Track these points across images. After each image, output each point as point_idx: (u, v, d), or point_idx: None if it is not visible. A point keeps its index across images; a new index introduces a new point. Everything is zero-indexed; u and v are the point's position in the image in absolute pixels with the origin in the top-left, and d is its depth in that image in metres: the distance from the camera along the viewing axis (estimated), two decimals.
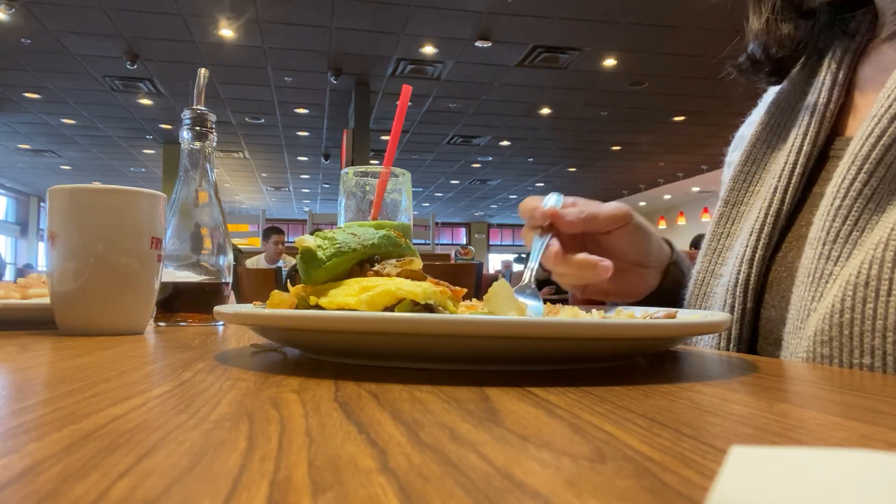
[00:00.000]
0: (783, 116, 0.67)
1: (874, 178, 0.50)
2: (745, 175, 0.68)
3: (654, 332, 0.37)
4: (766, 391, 0.34)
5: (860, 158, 0.51)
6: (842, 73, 0.64)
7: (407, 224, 0.68)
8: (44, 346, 0.53)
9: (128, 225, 0.66)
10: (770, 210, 0.62)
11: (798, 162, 0.62)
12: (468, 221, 20.91)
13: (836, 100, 0.63)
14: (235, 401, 0.27)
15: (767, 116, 0.69)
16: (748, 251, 0.62)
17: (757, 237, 0.62)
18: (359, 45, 6.71)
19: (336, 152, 11.00)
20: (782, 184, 0.62)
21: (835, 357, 0.49)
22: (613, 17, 5.97)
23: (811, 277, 0.53)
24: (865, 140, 0.52)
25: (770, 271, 0.62)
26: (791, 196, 0.61)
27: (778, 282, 0.60)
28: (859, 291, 0.48)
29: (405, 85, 0.72)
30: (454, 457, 0.19)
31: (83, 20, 6.04)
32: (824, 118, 0.62)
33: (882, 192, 0.50)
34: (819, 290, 0.52)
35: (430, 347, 0.36)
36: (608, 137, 10.41)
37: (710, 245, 0.69)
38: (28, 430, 0.22)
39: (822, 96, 0.63)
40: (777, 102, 0.69)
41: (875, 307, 0.47)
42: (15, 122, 9.62)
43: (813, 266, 0.53)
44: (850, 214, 0.51)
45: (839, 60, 0.65)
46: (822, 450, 0.13)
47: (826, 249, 0.52)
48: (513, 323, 0.33)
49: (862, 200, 0.51)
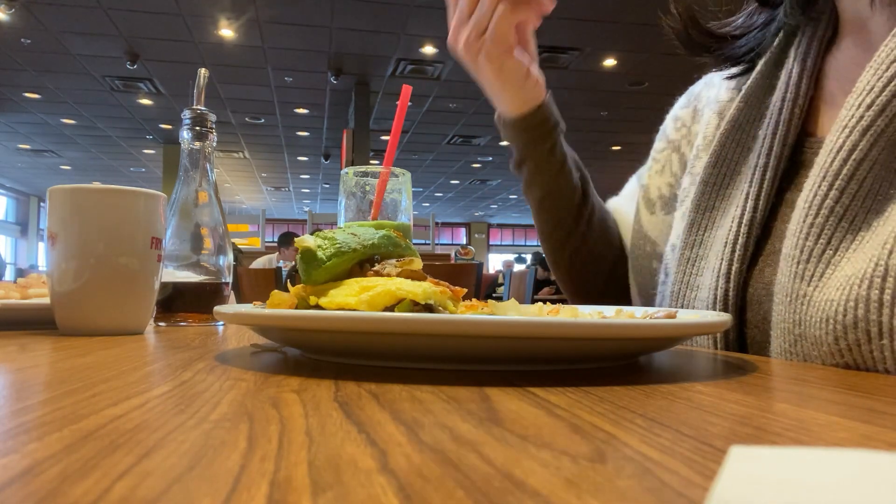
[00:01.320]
0: (752, 113, 0.65)
1: (846, 196, 0.49)
2: (715, 178, 0.65)
3: (654, 332, 0.37)
4: (766, 391, 0.34)
5: (831, 174, 0.49)
6: (807, 68, 0.61)
7: (407, 224, 0.68)
8: (44, 346, 0.53)
9: (128, 225, 0.66)
10: (743, 219, 0.60)
11: (769, 165, 0.60)
12: (468, 221, 20.91)
13: (805, 94, 0.61)
14: (235, 401, 0.27)
15: (737, 112, 0.66)
16: (724, 265, 0.59)
17: (732, 249, 0.59)
18: (359, 45, 6.71)
19: (336, 152, 11.00)
20: (754, 190, 0.60)
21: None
22: (613, 17, 5.97)
23: (789, 298, 0.51)
24: (836, 154, 0.50)
25: (748, 286, 0.59)
26: (764, 203, 0.59)
27: (757, 300, 0.58)
28: (850, 334, 0.46)
29: (405, 85, 0.72)
30: (454, 457, 0.19)
31: (83, 20, 6.04)
32: (793, 115, 0.60)
33: (855, 209, 0.48)
34: (798, 313, 0.50)
35: (430, 347, 0.36)
36: (608, 137, 10.41)
37: (684, 254, 0.66)
38: (28, 430, 0.22)
39: (790, 91, 0.61)
40: (746, 98, 0.66)
41: (871, 349, 0.45)
42: (15, 122, 9.62)
43: (789, 286, 0.51)
44: (822, 233, 0.49)
45: (804, 53, 0.62)
46: (822, 450, 0.13)
47: (800, 269, 0.50)
48: (513, 323, 0.33)
49: (834, 219, 0.49)
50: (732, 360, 0.48)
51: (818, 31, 0.63)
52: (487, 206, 18.08)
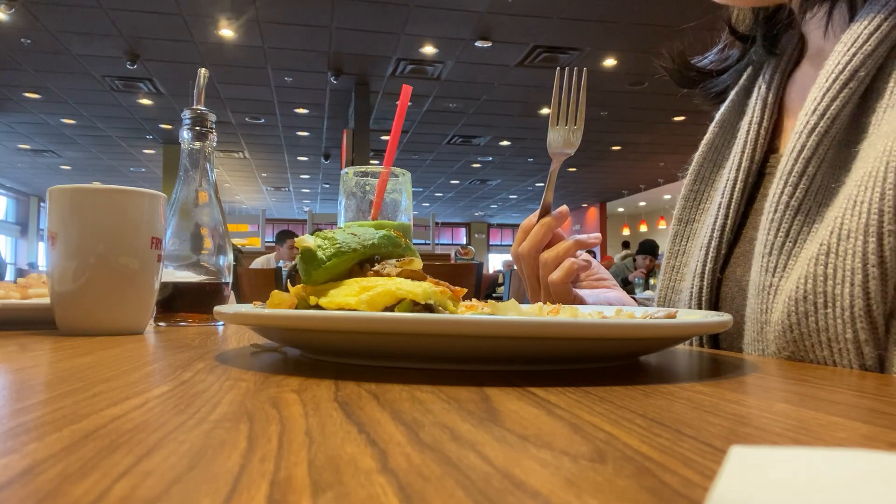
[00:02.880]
0: (725, 136, 0.73)
1: (799, 190, 0.54)
2: (694, 193, 0.74)
3: (654, 332, 0.37)
4: (766, 391, 0.34)
5: (786, 172, 0.55)
6: (771, 94, 0.68)
7: (407, 224, 0.68)
8: (44, 346, 0.53)
9: (128, 225, 0.66)
10: (716, 226, 0.66)
11: (738, 178, 0.66)
12: (468, 221, 20.91)
13: (769, 118, 0.67)
14: (235, 401, 0.27)
15: (712, 136, 0.74)
16: (699, 266, 0.66)
17: (706, 252, 0.66)
18: (359, 45, 6.71)
19: (336, 152, 11.00)
20: (725, 200, 0.66)
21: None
22: (613, 17, 5.96)
23: (757, 290, 0.56)
24: (790, 155, 0.55)
25: (721, 285, 0.66)
26: (734, 211, 0.66)
27: (730, 297, 0.64)
28: (800, 306, 0.51)
29: (405, 85, 0.72)
30: (454, 457, 0.19)
31: (83, 20, 6.04)
32: (759, 136, 0.67)
33: (809, 203, 0.54)
34: (766, 303, 0.55)
35: (430, 347, 0.36)
36: (608, 137, 10.41)
37: (668, 262, 0.75)
38: (28, 430, 0.22)
39: (756, 116, 0.68)
40: (720, 123, 0.74)
41: (816, 320, 0.50)
42: (15, 122, 9.62)
43: (759, 279, 0.56)
44: (780, 227, 0.55)
45: (769, 82, 0.69)
46: (822, 450, 0.13)
47: (765, 262, 0.55)
48: (513, 323, 0.33)
49: (790, 213, 0.54)
50: (732, 360, 0.48)
51: (781, 63, 0.70)
52: (487, 206, 18.08)
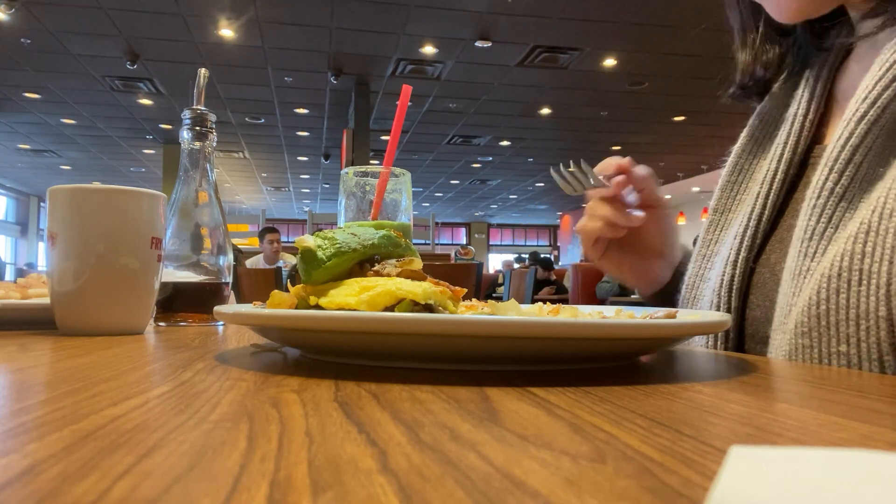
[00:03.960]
0: (767, 128, 0.72)
1: (845, 178, 0.54)
2: (731, 184, 0.73)
3: (654, 332, 0.37)
4: (766, 391, 0.34)
5: (832, 160, 0.55)
6: (819, 86, 0.68)
7: (407, 224, 0.68)
8: (44, 346, 0.53)
9: (128, 225, 0.66)
10: (753, 215, 0.66)
11: (779, 169, 0.66)
12: (468, 221, 20.91)
13: (815, 110, 0.67)
14: (235, 401, 0.27)
15: (752, 129, 0.74)
16: (732, 253, 0.66)
17: (741, 241, 0.66)
18: (359, 45, 6.71)
19: (336, 152, 11.00)
20: (764, 189, 0.66)
21: (814, 347, 0.52)
22: (613, 17, 5.96)
23: (792, 274, 0.56)
24: (836, 143, 0.55)
25: (754, 273, 0.65)
26: (773, 201, 0.65)
27: (762, 283, 0.64)
28: (833, 283, 0.51)
29: (405, 85, 0.72)
30: (454, 457, 0.19)
31: (83, 20, 6.04)
32: (803, 128, 0.66)
33: (853, 190, 0.54)
34: (799, 286, 0.55)
35: (430, 347, 0.36)
36: (608, 137, 10.41)
37: (700, 251, 0.74)
38: (28, 430, 0.22)
39: (801, 108, 0.67)
40: (760, 115, 0.74)
41: (848, 297, 0.50)
42: (15, 122, 9.62)
43: (794, 264, 0.56)
44: (823, 212, 0.55)
45: (817, 75, 0.69)
46: (822, 450, 0.13)
47: (804, 247, 0.55)
48: (513, 323, 0.33)
49: (834, 199, 0.54)
50: (732, 360, 0.48)
51: (830, 56, 0.69)
52: (487, 206, 18.08)
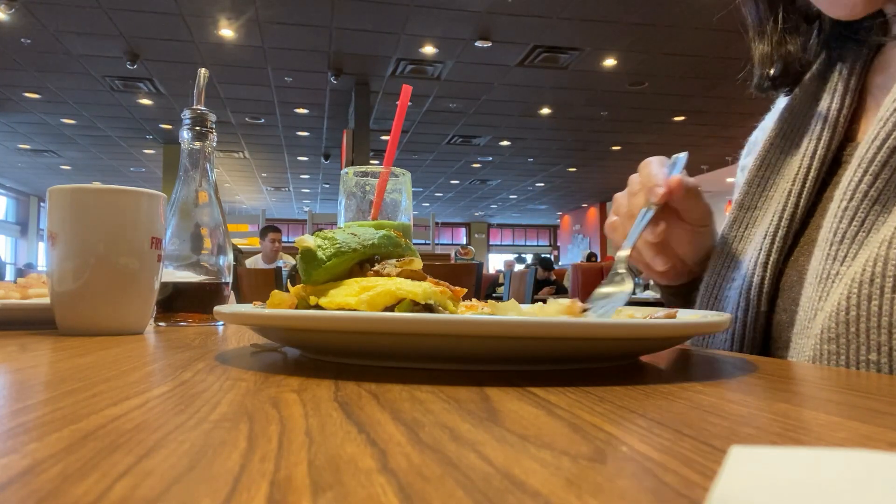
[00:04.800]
0: (796, 122, 0.68)
1: (879, 181, 0.51)
2: (759, 179, 0.69)
3: (654, 332, 0.37)
4: (766, 391, 0.34)
5: (866, 161, 0.52)
6: (853, 79, 0.65)
7: (407, 224, 0.68)
8: (44, 346, 0.53)
9: (128, 225, 0.66)
10: (784, 214, 0.63)
11: (812, 166, 0.62)
12: (468, 221, 20.91)
13: (849, 105, 0.64)
14: (235, 401, 0.27)
15: (781, 122, 0.70)
16: (762, 255, 0.63)
17: (771, 241, 0.62)
18: (359, 45, 6.71)
19: (336, 152, 10.99)
20: (796, 188, 0.63)
21: (841, 354, 0.49)
22: (613, 17, 5.96)
23: (818, 278, 0.54)
24: (871, 143, 0.52)
25: (783, 275, 0.62)
26: (805, 200, 0.62)
27: (789, 286, 0.61)
28: (864, 289, 0.48)
29: (405, 85, 0.72)
30: (454, 457, 0.19)
31: (83, 20, 6.04)
32: (837, 123, 0.63)
33: (888, 193, 0.51)
34: (826, 289, 0.52)
35: (430, 347, 0.36)
36: (608, 137, 10.41)
37: (723, 249, 0.69)
38: (28, 430, 0.22)
39: (835, 102, 0.64)
40: (790, 108, 0.70)
41: (881, 304, 0.47)
42: (15, 122, 9.62)
43: (820, 267, 0.54)
44: (856, 216, 0.52)
45: (850, 68, 0.65)
46: (822, 450, 0.13)
47: (833, 250, 0.53)
48: (513, 323, 0.33)
49: (868, 202, 0.52)
50: (733, 360, 0.48)
51: (864, 49, 0.66)
52: (487, 206, 18.08)
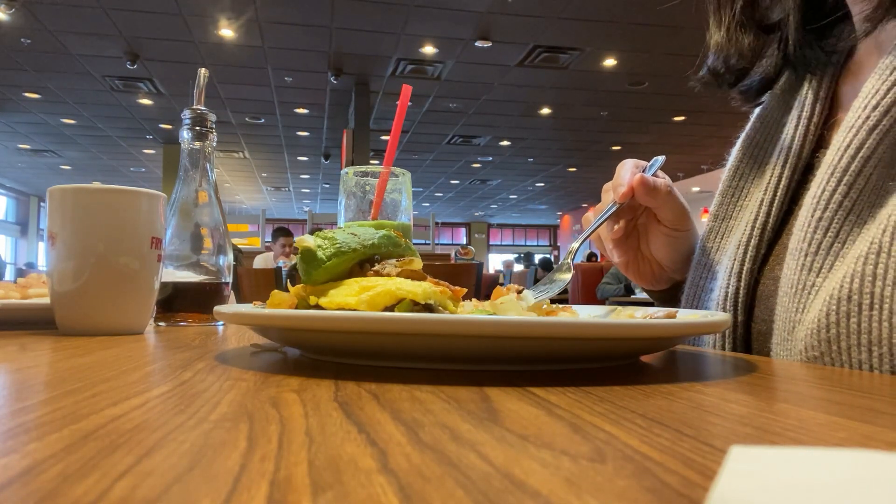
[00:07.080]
0: (768, 131, 0.68)
1: (853, 191, 0.51)
2: (732, 189, 0.69)
3: (654, 332, 0.37)
4: (766, 391, 0.34)
5: (839, 170, 0.52)
6: (823, 88, 0.65)
7: (407, 224, 0.68)
8: (44, 346, 0.53)
9: (128, 225, 0.66)
10: (756, 223, 0.63)
11: (784, 175, 0.62)
12: (468, 221, 20.92)
13: (820, 113, 0.64)
14: (235, 401, 0.27)
15: (753, 132, 0.70)
16: (736, 264, 0.63)
17: (744, 250, 0.62)
18: (359, 45, 6.71)
19: (336, 152, 10.99)
20: (768, 197, 0.63)
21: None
22: (613, 17, 5.97)
23: (794, 289, 0.53)
24: (844, 152, 0.52)
25: (759, 285, 0.62)
26: (777, 209, 0.62)
27: (766, 296, 0.61)
28: (843, 306, 0.48)
29: (405, 85, 0.72)
30: (454, 457, 0.19)
31: (83, 20, 6.04)
32: (808, 132, 0.63)
33: (862, 204, 0.51)
34: (802, 301, 0.52)
35: (430, 347, 0.36)
36: (608, 137, 10.41)
37: (700, 260, 0.70)
38: (28, 430, 0.22)
39: (806, 110, 0.64)
40: (762, 118, 0.70)
41: (859, 321, 0.47)
42: (15, 122, 9.62)
43: (795, 277, 0.53)
44: (830, 226, 0.51)
45: (820, 77, 0.65)
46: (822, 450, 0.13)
47: (808, 261, 0.52)
48: (513, 323, 0.33)
49: (842, 213, 0.51)
50: (732, 360, 0.48)
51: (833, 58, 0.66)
52: (487, 206, 18.08)
